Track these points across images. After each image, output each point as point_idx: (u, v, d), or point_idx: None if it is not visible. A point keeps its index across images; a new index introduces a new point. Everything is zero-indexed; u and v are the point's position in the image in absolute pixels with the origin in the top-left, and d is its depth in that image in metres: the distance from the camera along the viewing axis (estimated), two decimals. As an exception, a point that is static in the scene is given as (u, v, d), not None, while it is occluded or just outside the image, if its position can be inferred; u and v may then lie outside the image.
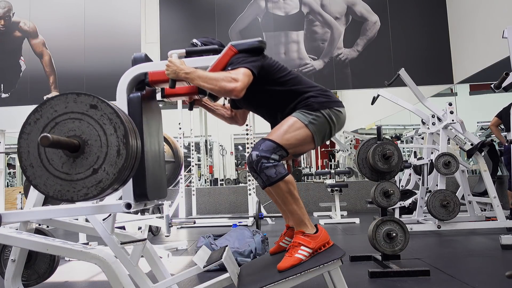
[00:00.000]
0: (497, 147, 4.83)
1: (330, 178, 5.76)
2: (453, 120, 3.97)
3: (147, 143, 1.62)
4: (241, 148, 11.25)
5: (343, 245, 3.55)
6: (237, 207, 6.88)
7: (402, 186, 5.68)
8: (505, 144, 4.52)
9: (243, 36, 6.90)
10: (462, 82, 6.68)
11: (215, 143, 10.72)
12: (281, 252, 1.91)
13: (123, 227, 3.36)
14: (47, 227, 2.27)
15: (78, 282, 2.57)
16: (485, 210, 4.67)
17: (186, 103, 2.01)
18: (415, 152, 5.10)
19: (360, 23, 6.98)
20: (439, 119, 4.19)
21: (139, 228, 3.62)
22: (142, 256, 1.81)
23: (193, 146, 6.43)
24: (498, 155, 4.52)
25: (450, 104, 4.00)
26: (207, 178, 9.64)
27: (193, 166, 6.39)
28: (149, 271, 2.07)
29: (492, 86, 3.19)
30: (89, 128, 1.31)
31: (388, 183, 2.61)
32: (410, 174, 5.71)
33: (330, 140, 9.66)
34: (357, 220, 5.17)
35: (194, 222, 5.07)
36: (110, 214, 1.69)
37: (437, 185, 4.09)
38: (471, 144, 4.16)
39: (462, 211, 4.02)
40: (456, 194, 3.93)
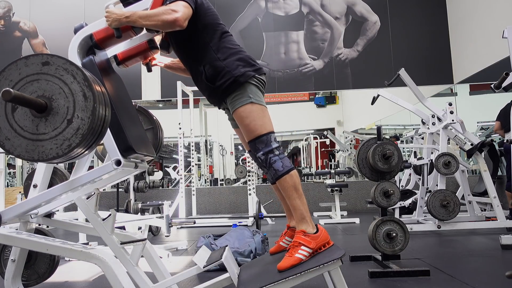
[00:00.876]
0: (497, 147, 4.83)
1: (330, 178, 5.76)
2: (453, 120, 3.97)
3: (116, 100, 1.64)
4: (241, 148, 11.25)
5: (343, 245, 3.55)
6: (237, 207, 6.87)
7: (402, 186, 5.68)
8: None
9: (243, 36, 6.90)
10: (462, 82, 6.68)
11: (215, 143, 10.72)
12: (281, 252, 1.91)
13: (123, 227, 3.36)
14: (47, 227, 2.27)
15: (78, 282, 2.57)
16: (485, 210, 4.67)
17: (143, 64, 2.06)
18: (415, 152, 5.10)
19: (360, 23, 6.98)
20: (439, 119, 4.19)
21: (139, 228, 3.62)
22: (142, 256, 1.81)
23: (193, 146, 6.43)
24: (498, 155, 4.51)
25: (450, 104, 4.00)
26: (207, 178, 9.65)
27: (193, 166, 6.39)
28: (149, 271, 2.07)
29: (492, 86, 3.19)
30: (49, 84, 1.31)
31: (388, 183, 2.61)
32: (410, 174, 5.71)
33: (330, 140, 9.68)
34: (357, 220, 5.17)
35: (194, 222, 5.07)
36: (110, 214, 1.69)
37: (437, 185, 4.09)
38: (471, 144, 4.16)
39: (462, 211, 4.02)
40: (456, 194, 3.93)
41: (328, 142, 9.99)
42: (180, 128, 5.87)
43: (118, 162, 1.57)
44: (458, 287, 2.12)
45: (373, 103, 4.61)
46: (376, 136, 2.69)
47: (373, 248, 2.53)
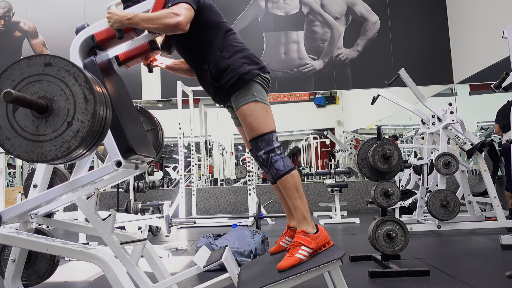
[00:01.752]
0: (497, 147, 4.83)
1: (330, 178, 5.76)
2: (453, 120, 3.97)
3: (117, 101, 1.64)
4: (241, 148, 11.25)
5: (343, 245, 3.55)
6: (237, 207, 6.87)
7: (402, 186, 5.68)
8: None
9: (243, 36, 6.90)
10: (462, 82, 6.68)
11: (215, 143, 10.72)
12: (281, 252, 1.91)
13: (123, 227, 3.36)
14: (47, 227, 2.27)
15: (78, 282, 2.57)
16: (485, 210, 4.67)
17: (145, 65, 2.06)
18: (415, 152, 5.10)
19: (360, 23, 6.98)
20: (439, 119, 4.19)
21: (139, 228, 3.62)
22: (142, 256, 1.81)
23: (193, 146, 6.43)
24: (498, 155, 4.51)
25: (450, 104, 4.00)
26: (207, 178, 9.64)
27: (193, 166, 6.39)
28: (149, 271, 2.07)
29: (492, 86, 3.19)
30: (50, 85, 1.31)
31: (388, 183, 2.61)
32: (410, 174, 5.71)
33: (330, 140, 9.68)
34: (357, 220, 5.17)
35: (194, 222, 5.06)
36: (110, 214, 1.69)
37: (437, 185, 4.09)
38: (471, 144, 4.16)
39: (462, 211, 4.02)
40: (456, 194, 3.93)
41: (328, 142, 9.99)
42: (180, 128, 5.87)
43: (119, 163, 1.58)
44: (458, 287, 2.12)
45: (373, 103, 4.61)
46: (376, 136, 2.69)
47: (373, 248, 2.53)
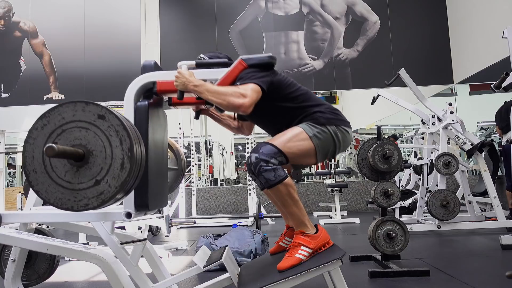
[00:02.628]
0: (497, 147, 4.83)
1: (330, 178, 5.76)
2: (453, 120, 3.97)
3: (152, 153, 1.60)
4: (241, 148, 11.26)
5: (343, 245, 3.55)
6: (237, 207, 6.87)
7: (402, 186, 5.68)
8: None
9: (243, 36, 6.91)
10: (462, 82, 6.68)
11: (215, 143, 10.73)
12: (281, 252, 1.91)
13: (123, 227, 3.36)
14: (47, 227, 2.27)
15: (78, 282, 2.57)
16: (485, 210, 4.67)
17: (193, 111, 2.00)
18: (415, 152, 5.10)
19: (360, 23, 6.98)
20: (439, 119, 4.19)
21: (139, 228, 3.62)
22: (142, 256, 1.81)
23: (193, 146, 6.44)
24: (498, 155, 4.52)
25: (450, 104, 4.00)
26: (207, 178, 9.65)
27: (193, 166, 6.39)
28: (149, 271, 2.07)
29: (492, 86, 3.18)
30: (95, 138, 1.30)
31: (388, 183, 2.61)
32: (410, 174, 5.71)
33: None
34: (357, 220, 5.17)
35: (194, 222, 5.08)
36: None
37: (437, 185, 4.09)
38: (471, 144, 4.16)
39: (462, 211, 4.02)
40: (456, 194, 3.93)
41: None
42: (180, 128, 5.87)
43: (129, 215, 1.52)
44: (458, 287, 2.12)
45: (373, 103, 4.61)
46: (376, 136, 2.69)
47: (373, 248, 2.53)
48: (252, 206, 5.41)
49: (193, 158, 6.43)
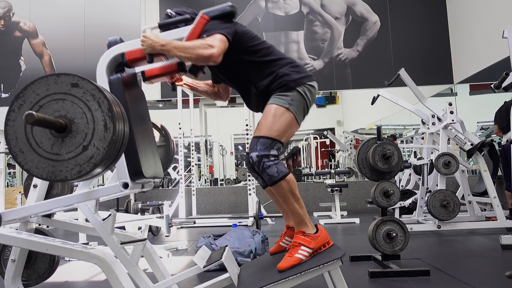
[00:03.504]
0: (497, 147, 4.83)
1: (330, 178, 5.76)
2: (453, 120, 3.97)
3: (136, 123, 1.63)
4: (241, 148, 11.26)
5: (343, 245, 3.55)
6: (237, 207, 6.87)
7: (402, 186, 5.68)
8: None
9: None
10: (462, 82, 6.68)
11: (215, 143, 10.73)
12: (281, 252, 1.91)
13: (123, 227, 3.36)
14: (47, 227, 2.27)
15: (78, 282, 2.57)
16: (485, 210, 4.67)
17: (169, 83, 2.02)
18: (415, 152, 5.10)
19: (360, 23, 6.98)
20: (439, 119, 4.19)
21: (139, 228, 3.62)
22: (142, 256, 1.81)
23: (193, 146, 6.43)
24: (498, 155, 4.52)
25: (450, 104, 4.00)
26: (207, 178, 9.65)
27: (193, 166, 6.39)
28: (149, 271, 2.07)
29: (492, 86, 3.19)
30: (73, 106, 1.31)
31: (388, 183, 2.61)
32: (410, 174, 5.71)
33: (330, 140, 9.68)
34: (357, 220, 5.17)
35: (194, 222, 5.07)
36: (110, 214, 1.69)
37: (437, 185, 4.09)
38: (471, 144, 4.16)
39: (462, 211, 4.02)
40: (456, 194, 3.93)
41: (328, 142, 9.99)
42: (180, 128, 5.87)
43: (126, 185, 1.55)
44: (458, 287, 2.12)
45: (373, 103, 4.61)
46: (376, 136, 2.69)
47: (373, 248, 2.53)
48: (252, 206, 5.41)
49: (193, 158, 6.43)
